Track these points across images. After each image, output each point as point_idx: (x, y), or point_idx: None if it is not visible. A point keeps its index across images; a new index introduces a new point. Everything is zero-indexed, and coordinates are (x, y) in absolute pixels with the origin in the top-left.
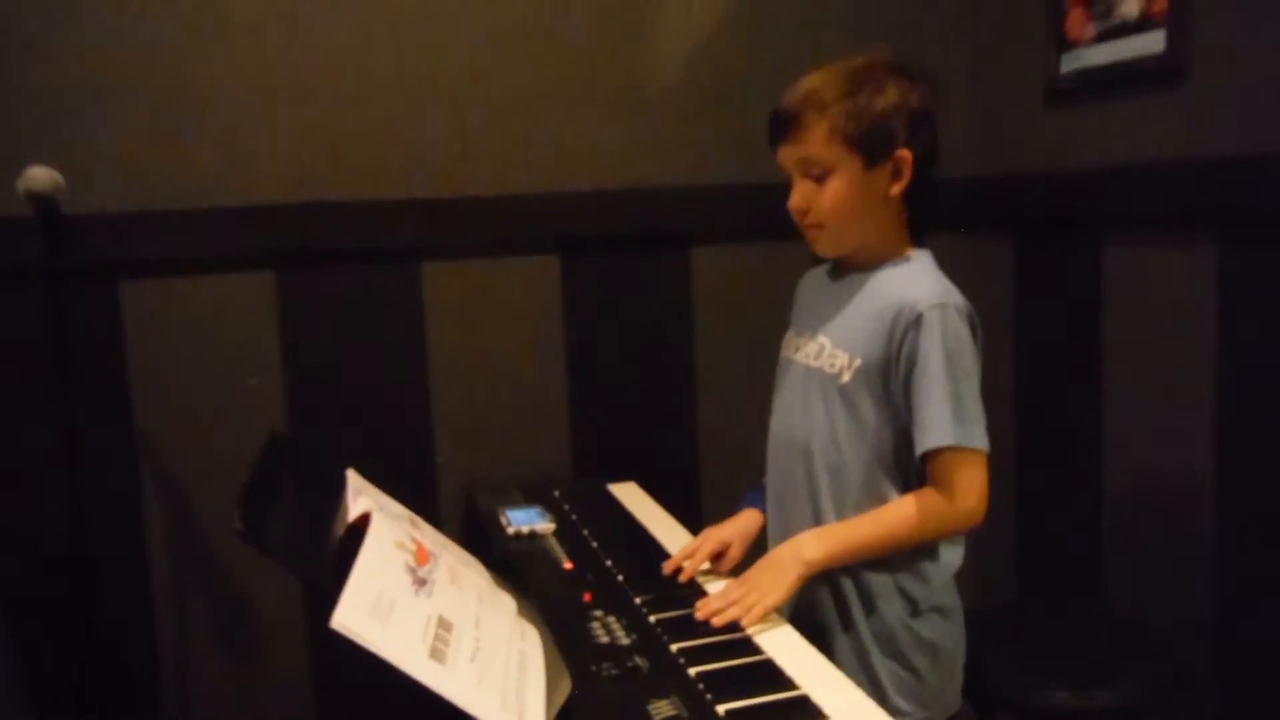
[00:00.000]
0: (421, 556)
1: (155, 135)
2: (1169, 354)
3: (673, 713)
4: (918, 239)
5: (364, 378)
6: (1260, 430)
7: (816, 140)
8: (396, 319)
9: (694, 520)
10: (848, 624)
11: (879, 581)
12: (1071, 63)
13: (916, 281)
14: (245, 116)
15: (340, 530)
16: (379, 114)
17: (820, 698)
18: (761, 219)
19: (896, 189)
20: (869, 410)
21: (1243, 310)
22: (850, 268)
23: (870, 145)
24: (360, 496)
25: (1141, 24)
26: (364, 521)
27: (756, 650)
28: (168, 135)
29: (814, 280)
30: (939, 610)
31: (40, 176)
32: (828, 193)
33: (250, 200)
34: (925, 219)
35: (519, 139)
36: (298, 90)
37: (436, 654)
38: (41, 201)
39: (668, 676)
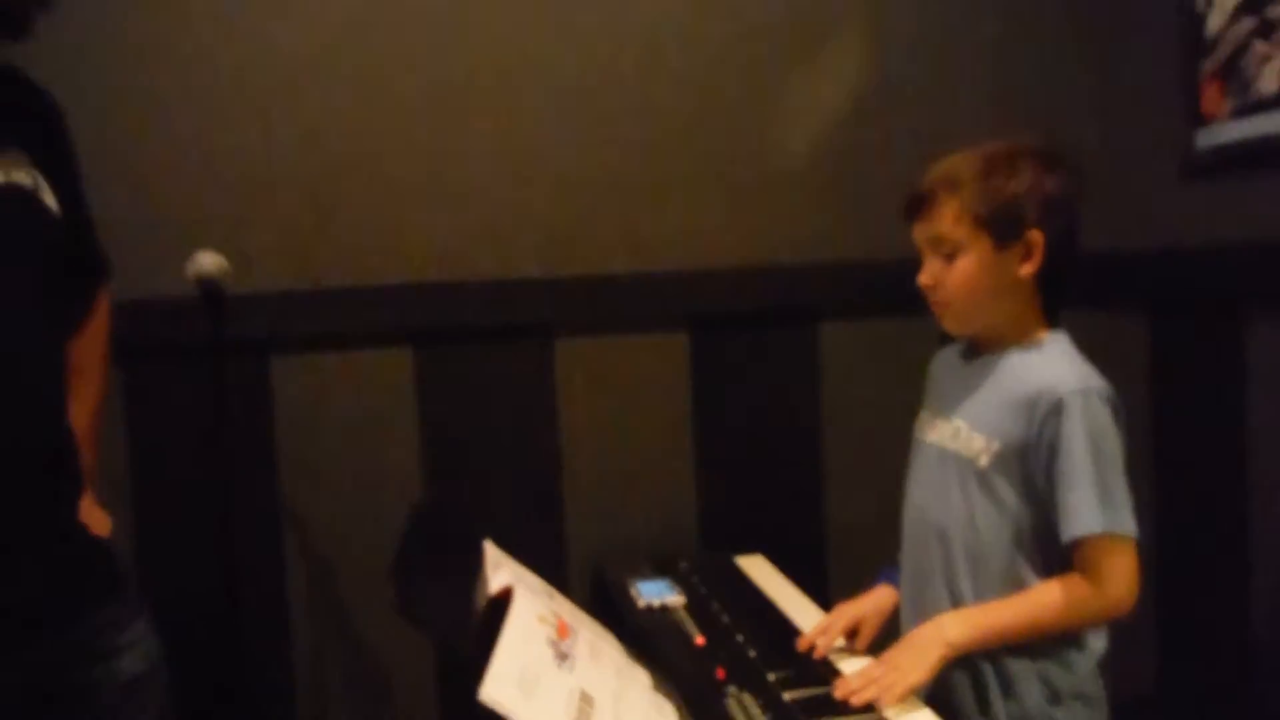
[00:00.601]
0: (563, 630)
1: (307, 220)
2: None
3: None
4: (1054, 321)
5: (497, 450)
6: None
7: (946, 219)
8: (529, 393)
9: (821, 595)
10: (985, 709)
11: (1019, 667)
12: (1208, 138)
13: (1055, 366)
14: (388, 201)
15: (483, 603)
16: (516, 198)
17: None
18: (889, 295)
19: (1027, 270)
20: (1008, 494)
21: None
22: (983, 348)
23: (999, 226)
24: (500, 569)
25: None
26: (506, 594)
27: None
28: (319, 220)
29: (947, 360)
30: (1082, 698)
31: (208, 262)
32: (956, 271)
33: (391, 279)
34: (1062, 302)
35: (648, 219)
36: (439, 178)
37: None
38: (208, 284)
39: None
